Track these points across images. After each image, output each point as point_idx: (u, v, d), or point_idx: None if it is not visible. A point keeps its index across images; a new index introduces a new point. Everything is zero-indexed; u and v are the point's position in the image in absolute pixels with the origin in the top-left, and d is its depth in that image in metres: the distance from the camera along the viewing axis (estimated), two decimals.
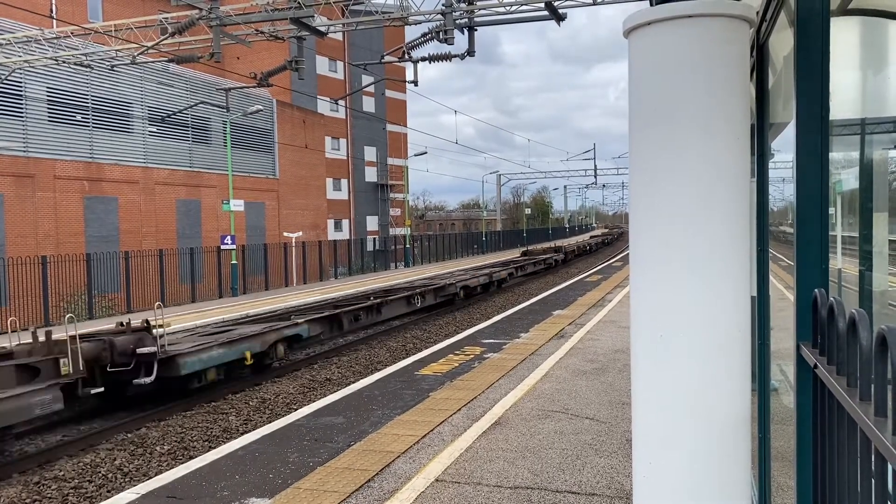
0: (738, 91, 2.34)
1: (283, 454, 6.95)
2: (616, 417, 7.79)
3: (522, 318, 16.90)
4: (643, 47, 2.41)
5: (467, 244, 63.58)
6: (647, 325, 2.44)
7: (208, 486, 6.16)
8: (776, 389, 3.76)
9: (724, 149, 2.31)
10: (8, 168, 25.96)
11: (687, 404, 2.34)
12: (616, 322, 15.36)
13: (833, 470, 1.75)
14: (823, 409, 1.86)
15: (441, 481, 5.99)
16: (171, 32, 17.35)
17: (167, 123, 33.10)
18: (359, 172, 61.70)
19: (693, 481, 2.34)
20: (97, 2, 41.01)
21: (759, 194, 3.62)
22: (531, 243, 75.53)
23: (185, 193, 34.98)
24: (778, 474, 3.57)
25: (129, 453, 9.85)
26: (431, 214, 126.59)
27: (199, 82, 35.65)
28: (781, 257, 3.80)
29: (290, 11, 16.03)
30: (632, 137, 2.48)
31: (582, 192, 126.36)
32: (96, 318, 23.62)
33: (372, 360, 16.12)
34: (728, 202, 2.31)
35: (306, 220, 44.21)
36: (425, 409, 8.49)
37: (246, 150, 38.84)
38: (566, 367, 10.61)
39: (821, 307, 1.92)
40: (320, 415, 8.45)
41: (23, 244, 26.31)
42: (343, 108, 56.00)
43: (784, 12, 2.83)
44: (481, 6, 16.64)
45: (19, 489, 8.62)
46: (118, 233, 31.20)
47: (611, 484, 5.81)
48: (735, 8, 2.31)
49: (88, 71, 22.54)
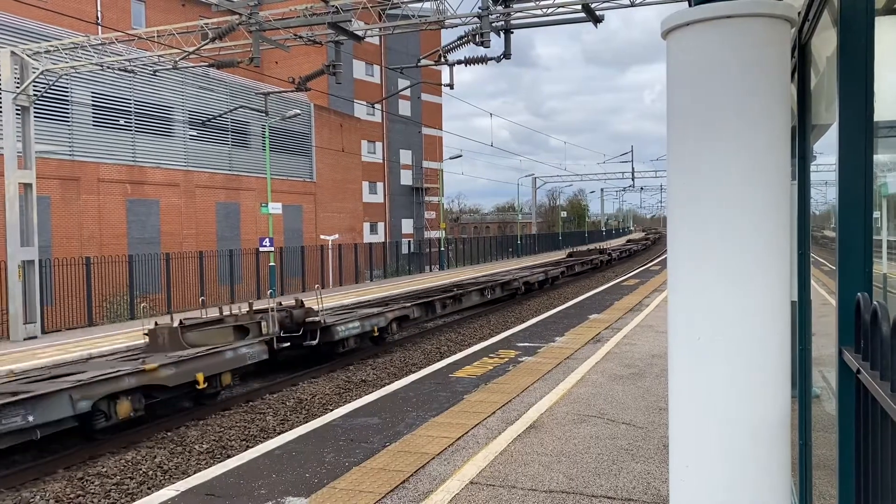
0: (779, 92, 2.30)
1: (319, 454, 7.02)
2: (653, 423, 7.70)
3: (557, 321, 16.81)
4: (682, 48, 2.39)
5: (502, 247, 63.43)
6: (684, 329, 2.42)
7: (246, 485, 6.24)
8: (818, 396, 3.69)
9: (764, 151, 2.28)
10: (54, 171, 26.65)
11: (725, 410, 2.31)
12: (653, 327, 15.19)
13: (877, 478, 1.72)
14: (866, 416, 1.83)
15: (475, 484, 5.99)
16: (211, 38, 17.65)
17: (207, 127, 33.66)
18: (394, 176, 62.00)
19: (731, 487, 2.31)
20: (140, 9, 41.91)
21: (801, 197, 3.56)
22: (567, 247, 75.11)
23: (224, 196, 35.53)
24: (820, 482, 3.51)
25: (169, 451, 10.04)
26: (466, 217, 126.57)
27: (238, 87, 36.19)
28: (824, 262, 3.73)
29: (328, 16, 16.20)
30: (670, 139, 2.46)
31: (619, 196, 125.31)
32: (137, 318, 24.10)
33: (406, 363, 16.19)
34: (768, 205, 2.28)
35: (343, 222, 44.57)
36: (460, 411, 8.49)
37: (284, 154, 39.31)
38: (602, 372, 10.52)
39: (864, 311, 1.88)
40: (356, 415, 8.51)
41: (68, 246, 26.99)
42: (379, 112, 56.35)
43: (827, 12, 2.79)
44: (518, 8, 16.61)
45: (64, 484, 8.85)
46: (159, 235, 31.81)
47: (647, 489, 5.75)
48: (776, 8, 2.28)
49: (132, 76, 23.05)
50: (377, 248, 43.93)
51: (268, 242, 30.46)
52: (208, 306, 14.22)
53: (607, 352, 12.25)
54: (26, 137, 20.58)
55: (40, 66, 20.40)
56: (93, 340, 18.03)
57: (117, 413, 10.20)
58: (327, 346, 15.42)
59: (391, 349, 17.92)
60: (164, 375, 10.94)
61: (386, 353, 17.51)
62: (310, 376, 14.76)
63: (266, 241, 30.50)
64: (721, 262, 2.30)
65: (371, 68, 58.14)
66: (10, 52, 20.25)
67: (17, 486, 8.88)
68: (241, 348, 12.86)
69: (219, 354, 12.29)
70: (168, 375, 11.02)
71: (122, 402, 10.26)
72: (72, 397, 9.55)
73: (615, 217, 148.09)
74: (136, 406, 10.52)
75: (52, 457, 9.85)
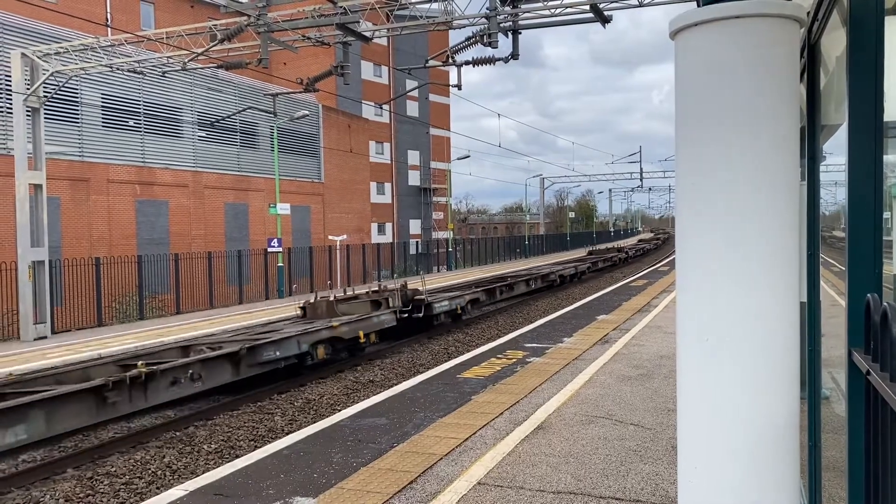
0: (788, 92, 2.30)
1: (327, 454, 7.03)
2: (661, 424, 7.68)
3: (566, 322, 16.79)
4: (690, 49, 2.39)
5: (510, 248, 63.42)
6: (693, 330, 2.41)
7: (254, 485, 6.26)
8: (828, 397, 3.67)
9: (773, 151, 2.27)
10: (64, 172, 26.80)
11: (733, 411, 2.30)
12: (662, 328, 15.15)
13: (887, 480, 1.71)
14: (876, 417, 1.82)
15: (483, 484, 5.99)
16: (220, 39, 17.72)
17: (216, 128, 33.77)
18: (402, 176, 62.05)
19: (740, 489, 2.30)
20: (149, 11, 42.11)
21: (810, 198, 3.55)
22: (574, 247, 75.04)
23: (233, 197, 35.64)
24: (830, 484, 3.49)
25: (178, 451, 10.07)
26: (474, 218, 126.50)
27: (246, 88, 36.30)
28: (833, 262, 3.71)
29: (336, 17, 16.23)
30: (678, 140, 2.45)
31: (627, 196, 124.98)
32: (147, 319, 24.21)
33: (414, 363, 16.19)
34: (776, 205, 2.27)
35: (351, 223, 44.63)
36: (467, 412, 8.49)
37: (292, 155, 39.40)
38: (610, 373, 10.50)
39: (874, 312, 1.87)
40: (364, 416, 8.52)
41: (77, 246, 27.12)
42: (387, 113, 56.40)
43: (837, 11, 2.77)
44: (525, 9, 16.60)
45: (73, 483, 8.89)
46: (168, 235, 31.94)
47: (655, 490, 5.73)
48: (785, 8, 2.27)
49: (141, 77, 23.15)
50: (385, 248, 43.98)
51: (276, 243, 30.55)
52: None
53: (615, 353, 12.23)
54: (36, 138, 20.70)
55: (50, 67, 20.51)
56: (103, 340, 18.11)
57: (317, 356, 14.78)
58: (427, 318, 19.75)
59: (398, 349, 17.95)
60: (343, 331, 15.74)
61: (394, 353, 17.53)
62: (318, 376, 14.79)
63: (274, 242, 30.59)
64: (730, 263, 2.29)
65: (379, 69, 58.22)
66: (21, 53, 20.38)
67: (27, 485, 8.93)
68: (381, 316, 17.58)
69: (369, 320, 17.02)
70: (345, 331, 15.80)
71: (320, 347, 14.89)
72: (298, 342, 14.32)
73: (623, 217, 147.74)
74: (327, 352, 15.17)
75: (61, 456, 9.91)
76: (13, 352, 16.94)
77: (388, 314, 17.76)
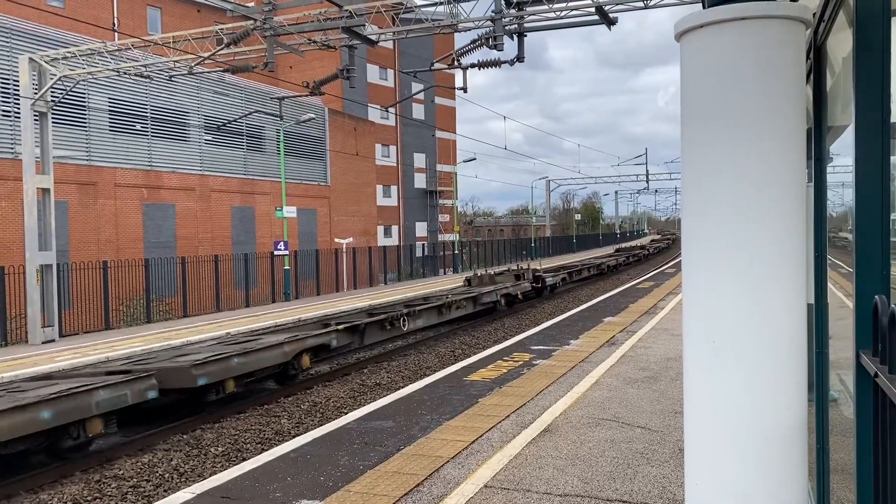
0: (794, 94, 2.29)
1: (333, 457, 7.03)
2: (668, 426, 7.66)
3: (572, 324, 16.76)
4: (696, 50, 2.38)
5: (516, 250, 63.40)
6: (699, 332, 2.40)
7: (261, 488, 6.27)
8: (835, 400, 3.66)
9: (779, 153, 2.26)
10: (72, 176, 26.92)
11: (740, 414, 2.30)
12: (668, 330, 15.11)
13: (895, 482, 1.70)
14: (885, 420, 1.81)
15: (490, 487, 5.98)
16: (226, 43, 17.78)
17: (222, 132, 33.88)
18: (408, 179, 62.09)
19: (746, 491, 2.29)
20: (157, 15, 42.29)
21: (817, 199, 3.53)
22: (581, 250, 74.99)
23: (239, 200, 35.73)
24: (838, 487, 3.47)
25: (185, 454, 10.09)
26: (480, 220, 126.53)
27: (253, 92, 36.41)
28: (841, 264, 3.69)
29: (342, 21, 16.27)
30: (684, 142, 2.45)
31: (634, 198, 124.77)
32: (154, 322, 24.29)
33: (421, 366, 16.19)
34: (783, 207, 2.27)
35: (357, 226, 44.69)
36: (474, 414, 8.49)
37: (298, 158, 39.48)
38: (617, 375, 10.48)
39: (881, 314, 1.86)
40: (370, 419, 8.52)
41: (85, 250, 27.23)
42: (393, 116, 56.46)
43: (843, 12, 2.77)
44: (531, 12, 16.61)
45: (81, 486, 8.92)
46: (175, 239, 32.04)
47: (662, 493, 5.72)
48: (791, 9, 2.27)
49: (148, 81, 23.27)
50: (391, 251, 44.00)
51: (282, 246, 30.60)
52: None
53: (622, 355, 12.20)
54: (44, 143, 20.80)
55: (58, 72, 20.62)
56: (111, 343, 18.18)
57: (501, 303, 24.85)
58: (541, 288, 29.34)
59: (405, 352, 17.95)
60: (511, 290, 25.57)
61: (400, 355, 17.54)
62: (325, 379, 14.80)
63: (281, 245, 30.64)
64: (736, 265, 2.28)
65: (385, 72, 58.30)
66: (29, 58, 20.49)
67: (34, 488, 8.96)
68: (525, 283, 27.04)
69: (520, 284, 26.60)
70: (512, 290, 25.57)
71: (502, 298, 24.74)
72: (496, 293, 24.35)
73: (629, 219, 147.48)
74: (504, 301, 25.03)
75: (68, 459, 9.93)
76: (21, 355, 17.02)
77: (527, 284, 27.29)
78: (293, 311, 24.41)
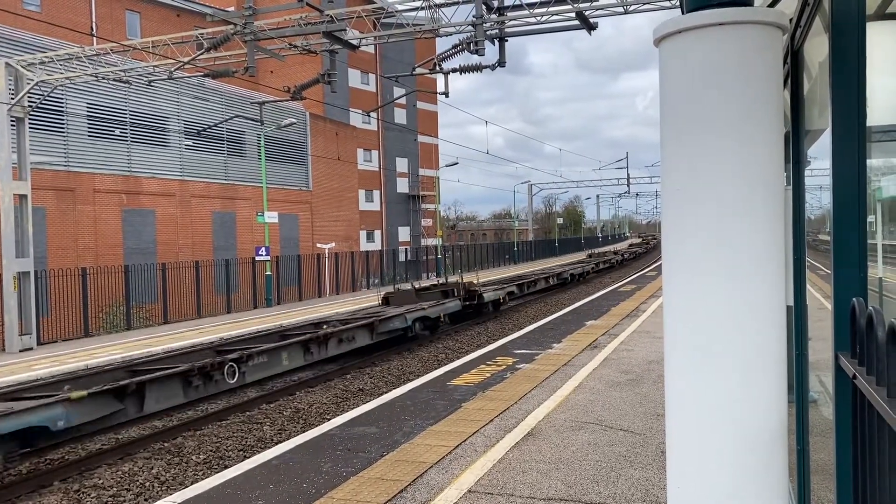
0: (772, 98, 2.31)
1: (316, 464, 6.99)
2: (651, 429, 7.70)
3: (555, 328, 16.81)
4: (674, 56, 2.40)
5: (499, 254, 63.55)
6: (680, 335, 2.41)
7: (243, 495, 6.22)
8: (815, 401, 3.69)
9: (757, 157, 2.28)
10: (49, 182, 26.61)
11: (721, 415, 2.31)
12: (650, 332, 15.19)
13: (874, 483, 1.72)
14: (863, 421, 1.83)
15: (474, 492, 5.97)
16: (206, 48, 17.67)
17: (203, 137, 33.66)
18: (390, 184, 62.03)
19: (729, 493, 2.31)
20: (135, 20, 41.96)
21: (795, 202, 3.57)
22: (563, 253, 75.32)
23: (220, 206, 35.50)
24: (818, 487, 3.50)
25: (166, 462, 9.99)
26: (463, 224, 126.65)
27: (233, 96, 36.22)
28: (820, 266, 3.73)
29: (323, 25, 16.23)
30: (663, 146, 2.46)
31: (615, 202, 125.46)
32: (134, 329, 24.05)
33: (404, 371, 16.15)
34: (762, 210, 2.28)
35: (339, 231, 44.56)
36: (457, 419, 8.48)
37: (280, 163, 39.32)
38: (600, 379, 10.52)
39: (859, 316, 1.88)
40: (353, 425, 8.48)
41: (63, 256, 26.92)
42: (375, 121, 56.41)
43: (819, 17, 2.80)
44: (512, 17, 16.67)
45: (60, 496, 8.80)
46: (155, 245, 31.76)
47: (646, 496, 5.74)
48: (768, 15, 2.29)
49: (127, 86, 23.05)
50: (374, 256, 43.94)
51: (264, 251, 30.45)
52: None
53: (605, 358, 12.25)
54: (21, 148, 20.56)
55: (35, 77, 20.39)
56: (90, 350, 17.96)
57: (415, 329, 19.38)
58: (479, 306, 24.11)
59: (388, 357, 17.90)
60: (430, 311, 20.34)
61: (384, 361, 17.48)
62: (308, 385, 14.72)
63: (262, 251, 30.49)
64: (715, 268, 2.30)
65: (366, 77, 58.25)
66: (5, 63, 20.25)
67: (12, 498, 8.83)
68: (451, 302, 22.17)
69: (444, 305, 21.58)
70: (431, 312, 20.41)
71: (416, 323, 19.41)
72: (405, 317, 18.84)
73: (610, 223, 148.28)
74: (421, 327, 19.95)
75: (46, 468, 9.80)
76: None
77: (456, 301, 22.58)
78: (275, 318, 24.27)
